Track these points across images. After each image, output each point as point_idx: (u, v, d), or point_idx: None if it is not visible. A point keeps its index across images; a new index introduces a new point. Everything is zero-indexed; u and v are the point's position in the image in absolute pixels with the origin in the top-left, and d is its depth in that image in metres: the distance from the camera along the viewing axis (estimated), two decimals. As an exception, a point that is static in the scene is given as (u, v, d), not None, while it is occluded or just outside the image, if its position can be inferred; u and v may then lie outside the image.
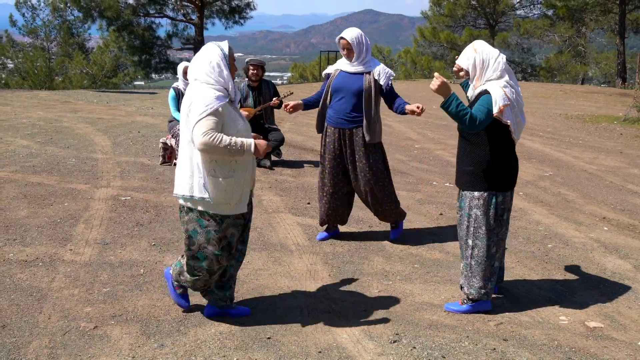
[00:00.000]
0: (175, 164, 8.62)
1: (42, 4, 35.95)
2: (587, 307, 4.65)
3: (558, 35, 37.26)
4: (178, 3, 30.42)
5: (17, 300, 4.41)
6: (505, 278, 5.08)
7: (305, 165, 9.19)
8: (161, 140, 8.85)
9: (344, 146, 5.64)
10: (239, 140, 3.80)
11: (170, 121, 8.75)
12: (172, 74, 32.98)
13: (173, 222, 6.29)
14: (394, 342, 4.00)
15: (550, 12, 37.37)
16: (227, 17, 31.13)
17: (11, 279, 4.77)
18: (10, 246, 5.45)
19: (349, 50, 5.53)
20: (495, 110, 4.15)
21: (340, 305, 4.52)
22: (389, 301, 4.62)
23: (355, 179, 5.68)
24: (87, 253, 5.35)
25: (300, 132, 12.25)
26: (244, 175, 3.96)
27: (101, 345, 3.84)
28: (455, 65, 4.49)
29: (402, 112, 5.53)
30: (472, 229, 4.42)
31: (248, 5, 31.01)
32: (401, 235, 6.05)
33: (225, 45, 3.98)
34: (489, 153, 4.32)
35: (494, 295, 4.74)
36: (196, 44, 30.00)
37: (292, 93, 7.89)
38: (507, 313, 4.49)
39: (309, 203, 7.16)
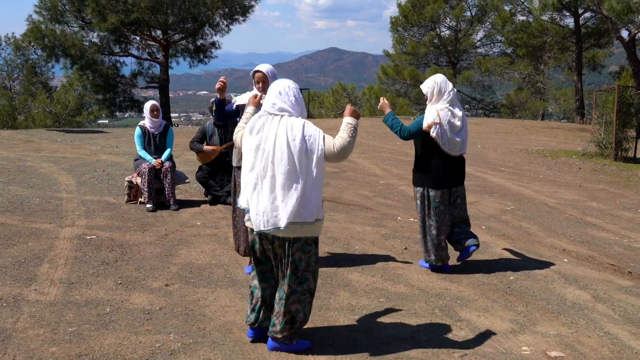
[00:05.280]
0: (140, 202, 8.59)
1: (4, 43, 35.80)
2: (549, 337, 4.76)
3: (518, 72, 38.26)
4: (143, 42, 30.45)
5: (-20, 341, 4.35)
6: (468, 310, 5.19)
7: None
8: (127, 179, 8.83)
9: None
10: (345, 125, 4.16)
11: (136, 159, 8.71)
12: (136, 113, 32.81)
13: (139, 260, 6.27)
14: (361, 375, 4.05)
15: (509, 50, 38.36)
16: (192, 56, 31.16)
17: (-26, 320, 4.71)
18: (-28, 287, 5.37)
19: (264, 83, 5.88)
20: (424, 125, 5.70)
21: (308, 341, 4.55)
22: (355, 335, 4.67)
23: None
24: (52, 293, 5.30)
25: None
26: None
27: (67, 385, 3.81)
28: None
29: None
30: (417, 211, 6.09)
31: (213, 44, 31.08)
32: None
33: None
34: (420, 158, 5.91)
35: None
36: (161, 82, 29.99)
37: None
38: (471, 344, 4.57)
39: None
